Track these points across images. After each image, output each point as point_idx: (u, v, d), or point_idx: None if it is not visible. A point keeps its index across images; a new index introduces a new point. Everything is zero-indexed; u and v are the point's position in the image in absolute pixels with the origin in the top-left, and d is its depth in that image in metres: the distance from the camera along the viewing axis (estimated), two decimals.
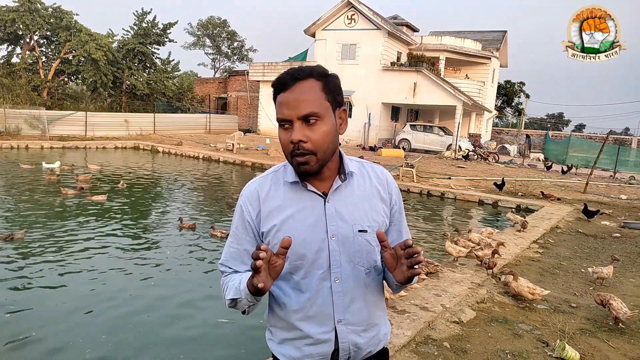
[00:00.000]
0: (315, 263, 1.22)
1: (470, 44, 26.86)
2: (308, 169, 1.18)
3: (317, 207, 1.23)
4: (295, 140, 1.16)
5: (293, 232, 1.20)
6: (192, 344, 3.73)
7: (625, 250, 6.62)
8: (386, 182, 1.33)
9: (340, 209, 1.24)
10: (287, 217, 1.23)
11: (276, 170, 1.31)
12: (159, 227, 7.36)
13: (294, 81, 1.18)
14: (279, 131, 1.22)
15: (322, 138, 1.17)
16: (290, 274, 1.24)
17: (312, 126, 1.16)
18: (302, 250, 1.21)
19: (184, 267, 5.56)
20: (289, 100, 1.17)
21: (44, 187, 9.78)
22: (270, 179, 1.30)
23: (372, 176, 1.32)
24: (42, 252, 5.68)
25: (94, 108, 24.62)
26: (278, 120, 1.20)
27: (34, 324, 3.89)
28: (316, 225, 1.22)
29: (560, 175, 16.53)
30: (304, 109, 1.15)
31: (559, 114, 56.14)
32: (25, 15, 22.64)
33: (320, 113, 1.17)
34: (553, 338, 3.42)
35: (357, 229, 1.23)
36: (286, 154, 1.21)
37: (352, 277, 1.24)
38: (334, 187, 1.25)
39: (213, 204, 9.78)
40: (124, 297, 4.56)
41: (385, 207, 1.31)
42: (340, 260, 1.23)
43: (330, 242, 1.22)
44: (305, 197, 1.24)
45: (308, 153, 1.16)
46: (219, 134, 25.04)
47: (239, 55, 43.95)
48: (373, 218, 1.26)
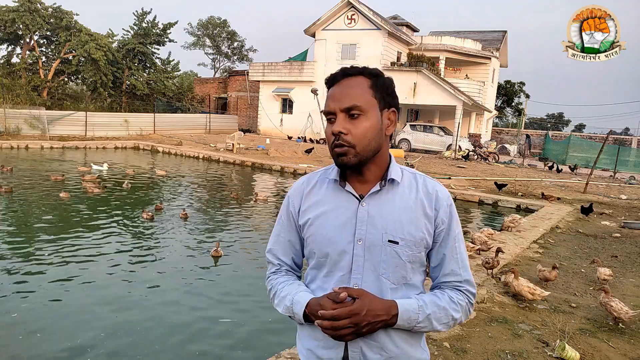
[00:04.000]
0: (338, 264, 1.21)
1: (470, 44, 26.87)
2: (346, 160, 1.17)
3: (350, 208, 1.22)
4: (335, 131, 1.16)
5: (322, 229, 1.22)
6: (192, 344, 3.73)
7: (625, 250, 6.62)
8: (435, 197, 1.23)
9: (373, 214, 1.20)
10: (321, 213, 1.24)
11: (327, 168, 1.32)
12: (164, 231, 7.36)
13: (344, 76, 1.19)
14: (327, 126, 1.23)
15: (363, 132, 1.16)
16: (317, 270, 1.26)
17: (355, 120, 1.16)
18: (326, 248, 1.22)
19: (184, 266, 5.56)
20: (334, 94, 1.19)
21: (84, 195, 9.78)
22: (319, 175, 1.32)
23: (420, 188, 1.24)
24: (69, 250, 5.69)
25: (94, 108, 24.62)
26: (324, 114, 1.21)
27: (41, 323, 3.90)
28: (344, 227, 1.20)
29: (563, 175, 16.54)
30: (347, 102, 1.16)
31: (559, 114, 56.15)
32: (25, 15, 22.64)
33: (364, 108, 1.16)
34: (553, 338, 3.41)
35: (387, 238, 1.19)
36: (329, 147, 1.21)
37: (374, 288, 1.19)
38: (372, 190, 1.22)
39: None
40: (122, 294, 4.57)
41: (428, 224, 1.22)
42: (363, 266, 1.19)
43: (356, 246, 1.19)
44: (341, 197, 1.24)
45: (347, 145, 1.15)
46: (219, 134, 25.04)
47: (239, 55, 43.95)
48: (409, 232, 1.19)
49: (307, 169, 14.25)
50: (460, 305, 1.22)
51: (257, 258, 6.09)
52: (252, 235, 7.17)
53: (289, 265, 1.35)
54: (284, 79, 26.17)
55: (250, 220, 8.16)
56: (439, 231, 1.23)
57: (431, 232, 1.22)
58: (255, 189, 11.64)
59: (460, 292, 1.24)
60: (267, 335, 3.98)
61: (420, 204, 1.22)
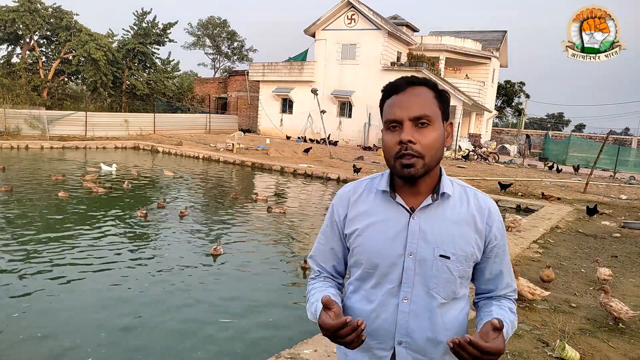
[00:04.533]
0: (387, 277, 1.20)
1: (470, 44, 26.87)
2: (413, 172, 1.13)
3: (401, 221, 1.20)
4: (404, 139, 1.12)
5: (371, 240, 1.21)
6: (192, 343, 3.73)
7: (625, 250, 6.62)
8: (488, 212, 1.22)
9: (425, 228, 1.18)
10: (370, 224, 1.23)
11: (373, 178, 1.31)
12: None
13: (408, 85, 1.18)
14: (385, 134, 1.19)
15: (432, 143, 1.14)
16: (362, 281, 1.25)
17: (423, 129, 1.14)
18: (376, 259, 1.20)
19: (184, 266, 5.56)
20: (401, 101, 1.16)
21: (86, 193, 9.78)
22: (365, 184, 1.31)
23: (471, 202, 1.23)
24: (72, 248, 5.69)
25: (94, 108, 24.61)
26: (387, 122, 1.18)
27: (41, 322, 3.90)
28: (395, 240, 1.19)
29: (563, 175, 16.53)
30: (417, 110, 1.14)
31: (559, 114, 56.14)
32: (25, 15, 22.64)
33: (432, 117, 1.15)
34: (553, 338, 3.42)
35: (439, 253, 1.17)
36: (388, 157, 1.18)
37: (424, 302, 1.18)
38: (424, 204, 1.19)
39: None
40: (122, 293, 4.57)
41: (478, 239, 1.20)
42: (413, 280, 1.18)
43: (407, 260, 1.18)
44: (392, 209, 1.22)
45: (416, 155, 1.13)
46: (219, 134, 25.04)
47: (239, 55, 43.92)
48: (460, 246, 1.18)
49: (307, 169, 14.25)
50: (515, 314, 1.26)
51: (258, 258, 6.09)
52: (252, 235, 7.16)
53: (329, 272, 1.36)
54: (284, 79, 26.17)
55: (250, 220, 8.16)
56: (491, 246, 1.23)
57: (481, 247, 1.21)
58: (255, 189, 11.65)
59: (511, 301, 1.29)
60: (267, 335, 3.98)
61: (472, 219, 1.20)
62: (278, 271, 5.65)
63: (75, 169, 12.86)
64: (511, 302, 1.28)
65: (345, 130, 24.27)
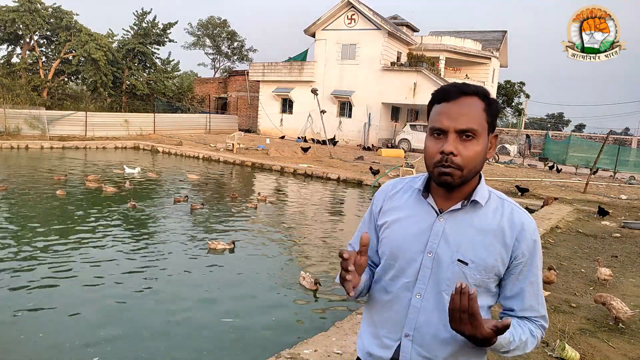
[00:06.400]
0: (405, 271, 1.24)
1: (470, 44, 26.88)
2: (449, 180, 1.15)
3: (428, 220, 1.23)
4: (447, 151, 1.13)
5: (396, 233, 1.26)
6: (192, 343, 3.73)
7: (625, 250, 6.62)
8: (520, 229, 1.18)
9: (448, 231, 1.20)
10: (398, 218, 1.27)
11: (415, 177, 1.33)
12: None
13: (459, 94, 1.17)
14: (428, 139, 1.20)
15: (473, 156, 1.15)
16: (384, 271, 1.29)
17: (467, 142, 1.15)
18: (397, 252, 1.25)
19: (184, 266, 5.56)
20: (450, 111, 1.16)
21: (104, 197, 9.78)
22: (406, 181, 1.35)
23: (505, 216, 1.20)
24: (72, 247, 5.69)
25: (94, 108, 24.59)
26: (432, 129, 1.18)
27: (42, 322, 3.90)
28: (418, 237, 1.22)
29: (563, 175, 16.52)
30: (463, 123, 1.14)
31: (559, 114, 56.17)
32: (25, 15, 22.63)
33: (478, 131, 1.15)
34: (553, 338, 3.42)
35: (457, 257, 1.18)
36: (428, 163, 1.19)
37: (435, 301, 1.20)
38: (453, 208, 1.21)
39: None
40: (122, 292, 4.57)
41: (504, 253, 1.18)
42: (429, 278, 1.20)
43: (425, 258, 1.21)
44: (421, 207, 1.26)
45: (455, 167, 1.14)
46: (219, 134, 25.04)
47: (239, 55, 43.89)
48: (481, 255, 1.17)
49: (307, 169, 14.26)
50: (536, 339, 1.21)
51: (258, 258, 6.10)
52: (253, 235, 7.17)
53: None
54: (284, 79, 26.17)
55: (251, 221, 8.16)
56: (516, 263, 1.19)
57: (506, 262, 1.19)
58: (255, 189, 11.65)
59: (537, 326, 1.23)
60: (268, 335, 3.98)
61: (501, 232, 1.19)
62: (278, 271, 5.66)
63: (69, 169, 12.84)
64: (536, 327, 1.22)
65: (345, 130, 24.28)
